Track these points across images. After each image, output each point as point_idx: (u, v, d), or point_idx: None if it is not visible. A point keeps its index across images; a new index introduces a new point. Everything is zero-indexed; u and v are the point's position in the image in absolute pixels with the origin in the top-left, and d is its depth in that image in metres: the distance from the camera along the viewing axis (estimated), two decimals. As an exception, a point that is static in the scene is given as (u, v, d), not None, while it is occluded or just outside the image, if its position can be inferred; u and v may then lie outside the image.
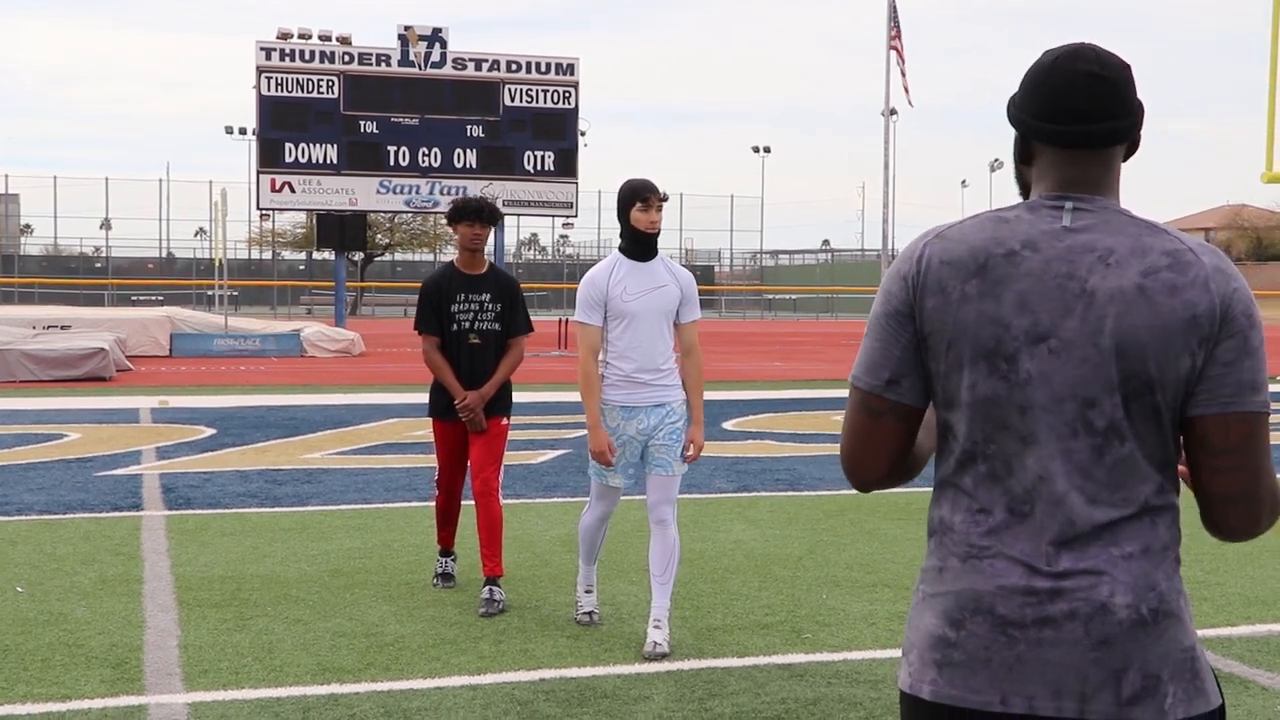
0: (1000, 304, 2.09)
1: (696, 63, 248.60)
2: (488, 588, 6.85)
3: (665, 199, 6.21)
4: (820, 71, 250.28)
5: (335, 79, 35.69)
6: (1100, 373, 2.07)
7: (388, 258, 74.09)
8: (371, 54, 36.13)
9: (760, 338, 41.06)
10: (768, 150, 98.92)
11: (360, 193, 36.19)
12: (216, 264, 34.44)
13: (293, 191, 35.88)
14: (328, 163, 35.87)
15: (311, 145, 35.83)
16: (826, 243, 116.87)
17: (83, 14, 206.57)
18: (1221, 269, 2.10)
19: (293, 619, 6.61)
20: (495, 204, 7.09)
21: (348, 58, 35.90)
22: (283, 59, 35.29)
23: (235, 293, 34.66)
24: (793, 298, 76.97)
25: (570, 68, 37.94)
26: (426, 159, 36.61)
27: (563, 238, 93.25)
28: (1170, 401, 2.09)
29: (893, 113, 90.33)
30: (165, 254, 78.74)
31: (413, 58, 36.44)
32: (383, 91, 36.16)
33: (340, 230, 36.33)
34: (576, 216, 40.81)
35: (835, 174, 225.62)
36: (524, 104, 37.19)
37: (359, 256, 62.35)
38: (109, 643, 6.17)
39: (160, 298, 57.01)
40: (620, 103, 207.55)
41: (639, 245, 6.20)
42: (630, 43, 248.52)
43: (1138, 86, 2.20)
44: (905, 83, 45.49)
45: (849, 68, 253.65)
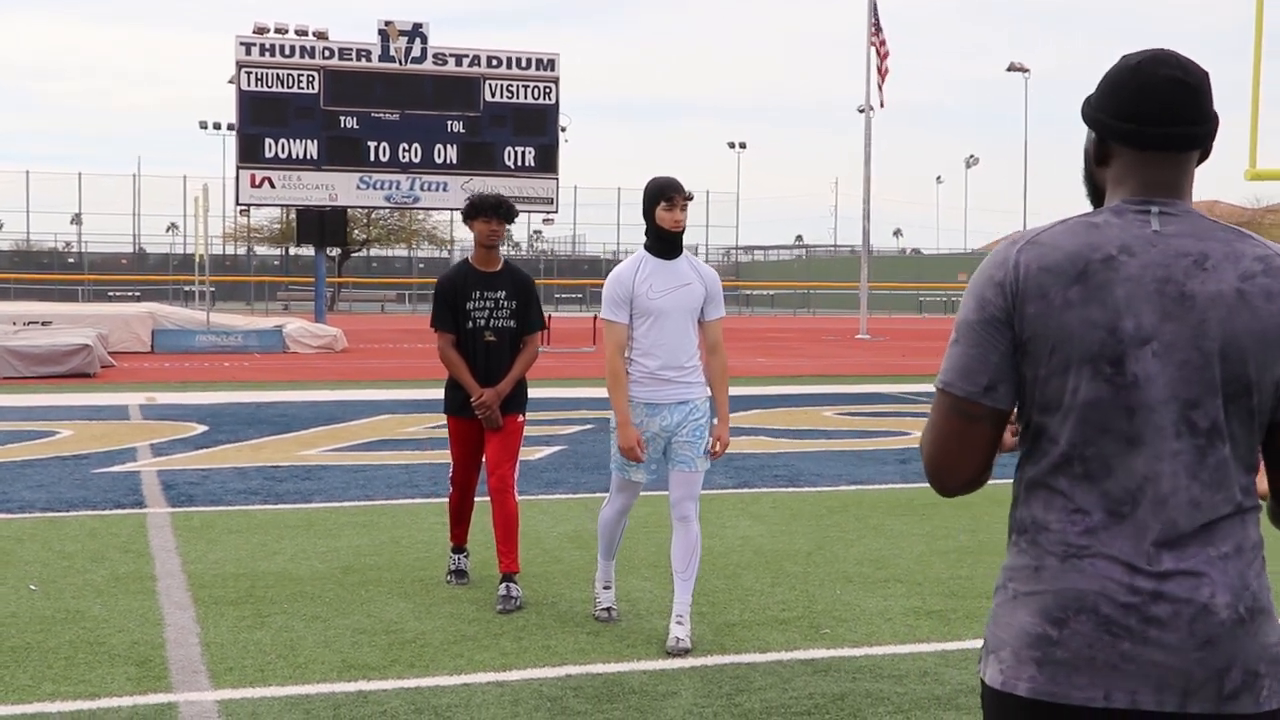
0: (1104, 309, 2.13)
1: (674, 58, 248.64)
2: (505, 584, 6.87)
3: (690, 198, 6.23)
4: (795, 67, 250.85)
5: (315, 74, 35.59)
6: (1203, 375, 2.11)
7: (365, 254, 73.94)
8: (352, 49, 36.04)
9: (740, 334, 41.12)
10: (744, 146, 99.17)
11: (340, 188, 36.11)
12: (197, 260, 34.30)
13: (273, 187, 35.76)
14: (308, 158, 35.76)
15: (291, 141, 35.72)
16: (800, 239, 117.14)
17: (55, 8, 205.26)
18: None
19: (311, 616, 6.62)
20: (512, 201, 7.08)
21: (328, 53, 35.80)
22: (263, 54, 35.16)
23: (212, 288, 34.45)
24: (770, 293, 77.10)
25: (551, 63, 37.93)
26: (407, 154, 36.55)
27: (536, 233, 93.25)
28: (1262, 405, 2.16)
29: (870, 109, 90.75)
30: (137, 249, 78.42)
31: (393, 53, 36.35)
32: (363, 87, 36.08)
33: (320, 226, 36.27)
34: (557, 212, 40.86)
35: (810, 170, 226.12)
36: (505, 99, 37.16)
37: (336, 252, 62.23)
38: (130, 640, 6.16)
39: (137, 293, 56.76)
40: (598, 98, 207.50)
41: (664, 243, 6.23)
42: (608, 38, 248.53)
43: (1214, 96, 2.24)
44: (882, 80, 45.57)
45: (824, 64, 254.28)
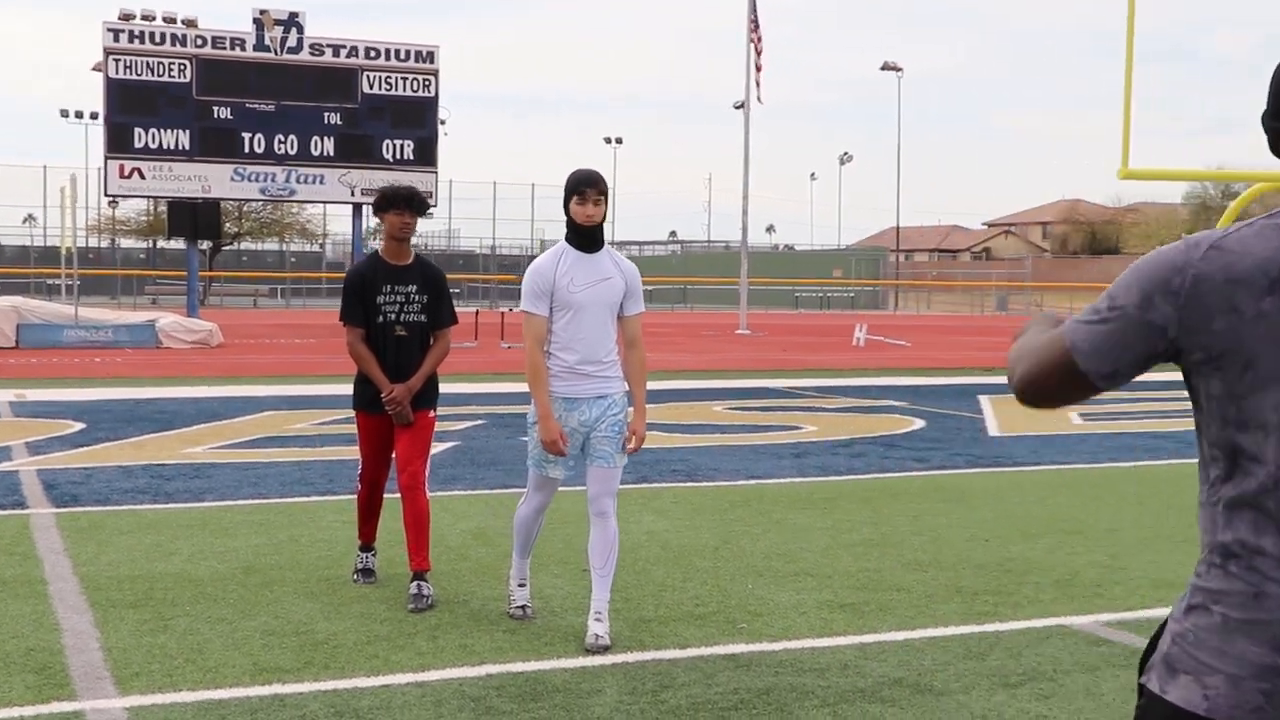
0: None
1: (551, 52, 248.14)
2: (416, 583, 6.75)
3: (604, 192, 6.16)
4: (670, 63, 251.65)
5: (187, 63, 34.86)
6: None
7: (235, 247, 72.65)
8: (225, 38, 35.36)
9: (620, 328, 41.13)
10: (619, 141, 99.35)
11: (214, 180, 35.40)
12: (64, 252, 33.40)
13: (143, 178, 34.95)
14: (180, 149, 35.01)
15: (162, 131, 34.94)
16: (674, 234, 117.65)
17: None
18: None
19: (216, 618, 6.44)
20: (424, 194, 6.96)
21: (200, 41, 35.07)
22: (131, 41, 34.31)
23: (78, 282, 33.51)
24: (649, 289, 77.20)
25: (430, 55, 37.57)
26: (283, 146, 35.95)
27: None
28: None
29: (749, 105, 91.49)
30: (-7, 242, 76.11)
31: (268, 42, 35.75)
32: (237, 76, 35.41)
33: (193, 218, 35.47)
34: (436, 206, 40.50)
35: (684, 166, 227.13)
36: (383, 91, 36.74)
37: (206, 245, 61.04)
38: (25, 647, 5.94)
39: (-3, 287, 55.11)
40: (473, 91, 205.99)
41: (582, 237, 6.16)
42: (485, 30, 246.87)
43: None
44: (759, 77, 45.87)
45: (698, 59, 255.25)
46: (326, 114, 36.26)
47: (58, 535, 8.34)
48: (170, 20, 34.93)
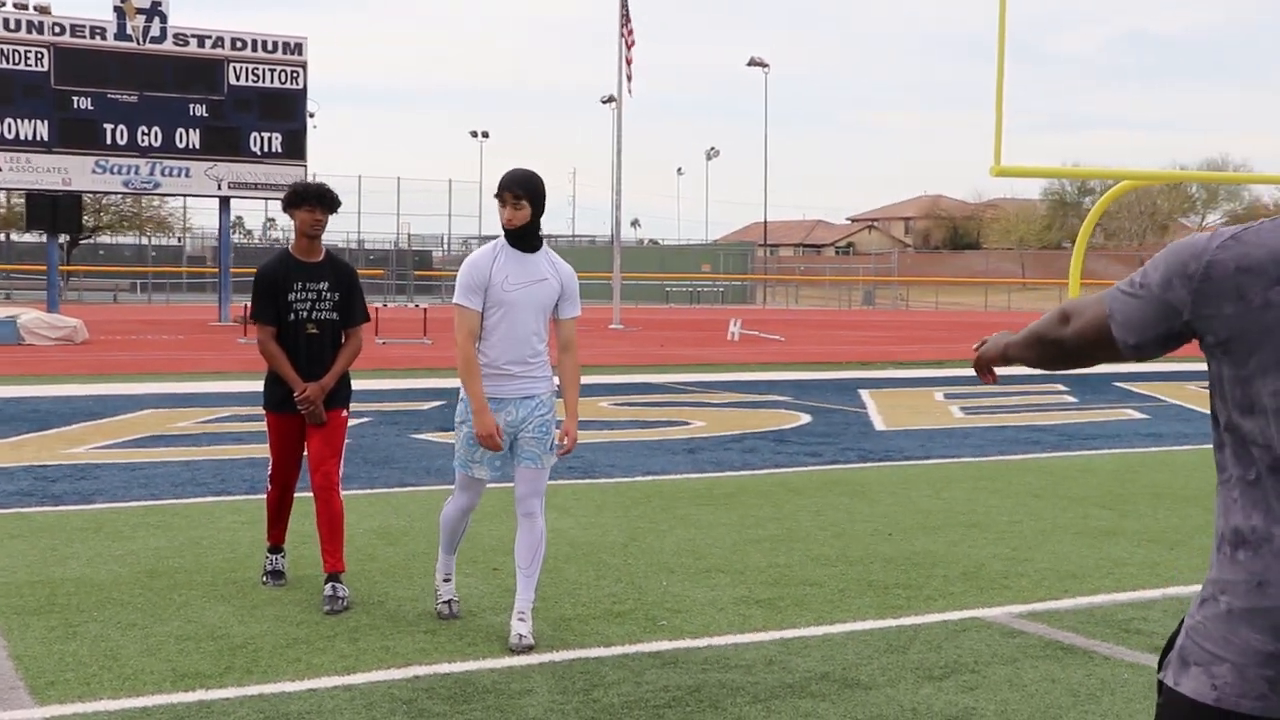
0: None
1: (418, 44, 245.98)
2: (331, 584, 6.67)
3: (523, 196, 6.09)
4: (535, 56, 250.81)
5: (44, 51, 33.96)
6: None
7: (92, 240, 70.86)
8: (85, 26, 34.51)
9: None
10: (486, 135, 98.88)
11: (74, 172, 34.55)
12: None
13: (-1, 170, 33.96)
14: (38, 140, 34.11)
15: (19, 121, 34.01)
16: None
17: None
18: None
19: (126, 624, 6.29)
20: (334, 190, 6.86)
21: (58, 29, 34.18)
22: (-17, 27, 33.29)
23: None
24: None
25: (298, 47, 37.07)
26: (146, 138, 35.21)
27: (270, 220, 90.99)
28: None
29: (619, 99, 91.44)
30: None
31: (130, 31, 34.96)
32: (97, 66, 34.57)
33: (53, 211, 34.51)
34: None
35: (549, 159, 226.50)
36: (250, 83, 36.17)
37: (64, 239, 59.46)
38: (-71, 656, 5.75)
39: None
40: (344, 83, 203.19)
41: (514, 237, 6.11)
42: (355, 22, 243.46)
43: None
44: (630, 71, 45.92)
45: (564, 54, 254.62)
46: (192, 105, 35.59)
47: (-56, 540, 8.08)
48: (21, 6, 33.94)
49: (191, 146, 35.70)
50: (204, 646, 5.94)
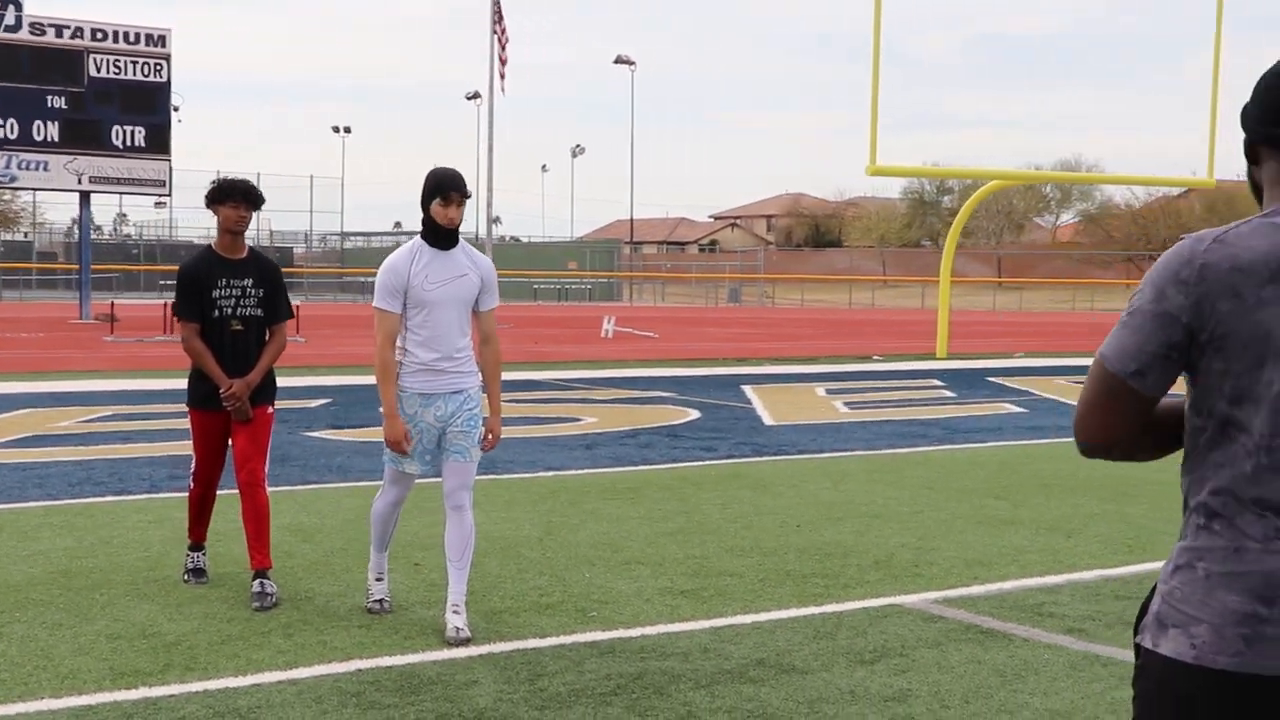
0: None
1: (279, 38, 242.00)
2: (258, 581, 6.66)
3: (468, 195, 6.17)
4: (397, 52, 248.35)
5: (-107, 38, 32.92)
6: None
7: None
8: (-64, 13, 33.48)
9: (354, 320, 40.60)
10: (348, 130, 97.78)
11: (-72, 165, 33.52)
12: None
13: None
14: (-114, 131, 33.05)
15: None
16: (399, 225, 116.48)
17: None
18: None
19: (52, 624, 6.22)
20: (259, 187, 6.84)
21: (-92, 16, 33.12)
22: None
23: None
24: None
25: (162, 39, 36.38)
26: (2, 130, 34.26)
27: (121, 216, 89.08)
28: None
29: (476, 96, 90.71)
30: None
31: (-15, 20, 33.97)
32: (-50, 55, 33.60)
33: (-95, 205, 33.48)
34: (170, 195, 39.27)
35: (413, 156, 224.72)
36: (111, 75, 35.41)
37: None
38: None
39: None
40: (205, 77, 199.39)
41: (439, 236, 6.18)
42: (217, 15, 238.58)
43: None
44: (503, 70, 45.88)
45: (427, 49, 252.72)
46: (50, 97, 34.75)
47: None
48: None
49: (50, 139, 34.88)
50: (137, 645, 5.91)
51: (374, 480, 10.41)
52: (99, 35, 35.46)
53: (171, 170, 37.14)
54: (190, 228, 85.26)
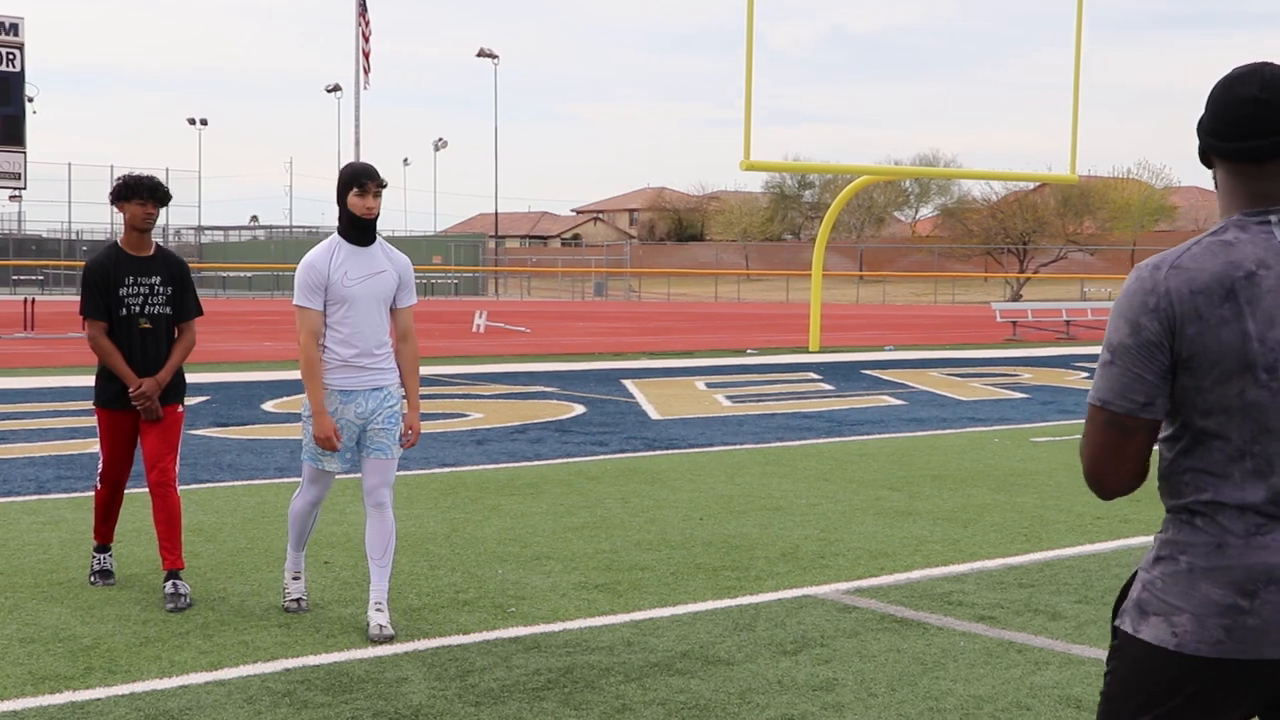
0: (1256, 321, 2.39)
1: (133, 27, 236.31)
2: (171, 582, 6.58)
3: (385, 185, 6.19)
4: (253, 43, 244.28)
5: None
6: None
7: None
8: None
9: (225, 318, 39.97)
10: (204, 123, 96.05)
11: None
12: None
13: None
14: None
15: None
16: (255, 219, 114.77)
17: None
18: None
19: (-42, 628, 6.09)
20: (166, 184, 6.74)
21: None
22: None
23: None
24: (248, 275, 74.88)
25: (14, 28, 35.33)
26: None
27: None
28: None
29: (337, 89, 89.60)
30: None
31: None
32: None
33: None
34: (25, 188, 38.22)
35: (267, 149, 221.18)
36: (-38, 64, 34.28)
37: None
38: None
39: None
40: (55, 66, 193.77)
41: (357, 230, 6.16)
42: (71, 3, 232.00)
43: None
44: (367, 64, 45.48)
45: (284, 41, 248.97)
46: (-111, 86, 33.55)
47: None
48: None
49: (-114, 130, 33.69)
50: (53, 649, 5.81)
51: (267, 479, 10.34)
52: (-53, 22, 34.34)
53: (26, 162, 36.14)
54: (40, 222, 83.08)
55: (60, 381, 17.65)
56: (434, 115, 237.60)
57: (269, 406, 15.24)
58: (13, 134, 35.40)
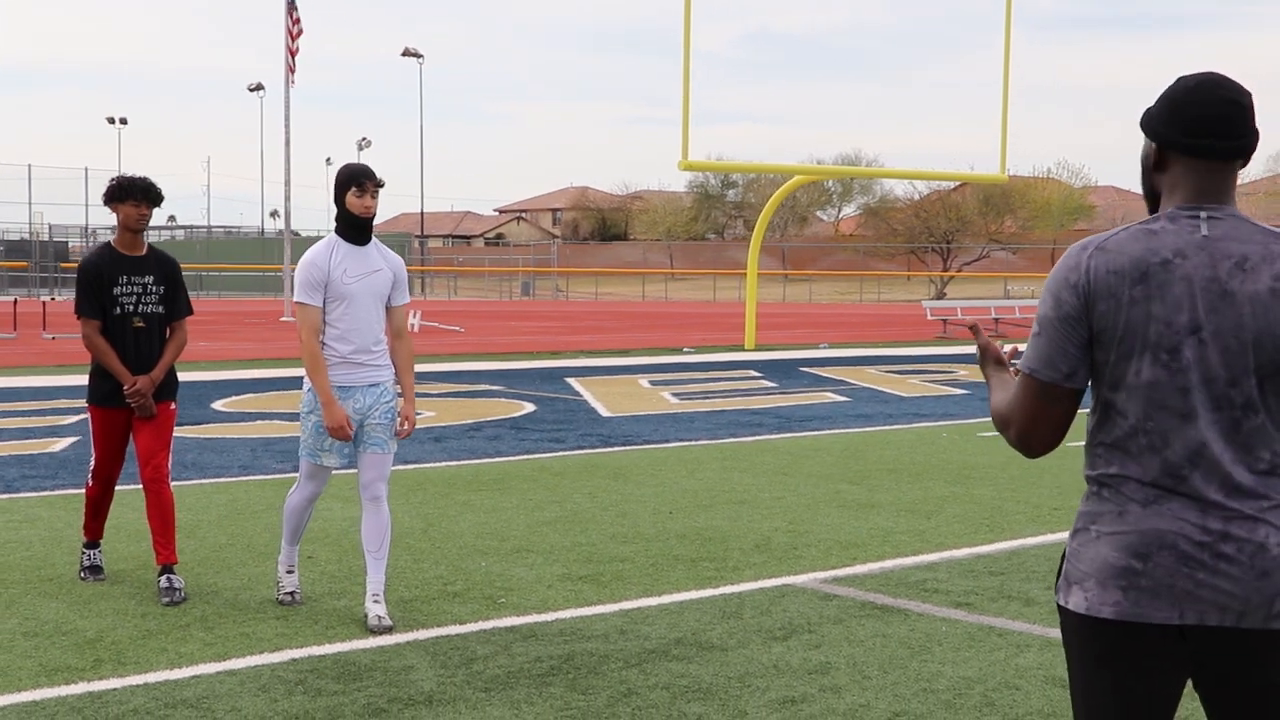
0: (1163, 305, 2.60)
1: (51, 22, 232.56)
2: (165, 576, 6.68)
3: (381, 185, 6.34)
4: (171, 40, 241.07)
5: None
6: (1240, 360, 2.62)
7: None
8: None
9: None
10: (124, 122, 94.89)
11: None
12: None
13: None
14: None
15: None
16: (173, 219, 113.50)
17: None
18: None
19: (-40, 624, 6.16)
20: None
21: None
22: None
23: None
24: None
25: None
26: None
27: None
28: None
29: (260, 87, 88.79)
30: None
31: None
32: None
33: None
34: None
35: (189, 147, 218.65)
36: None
37: None
38: None
39: None
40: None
41: (355, 229, 6.31)
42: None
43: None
44: (294, 62, 45.16)
45: (202, 38, 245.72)
46: None
47: None
48: None
49: None
50: (59, 642, 5.90)
51: (233, 477, 10.42)
52: None
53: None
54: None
55: (21, 382, 17.51)
56: (357, 115, 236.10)
57: (219, 406, 15.25)
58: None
